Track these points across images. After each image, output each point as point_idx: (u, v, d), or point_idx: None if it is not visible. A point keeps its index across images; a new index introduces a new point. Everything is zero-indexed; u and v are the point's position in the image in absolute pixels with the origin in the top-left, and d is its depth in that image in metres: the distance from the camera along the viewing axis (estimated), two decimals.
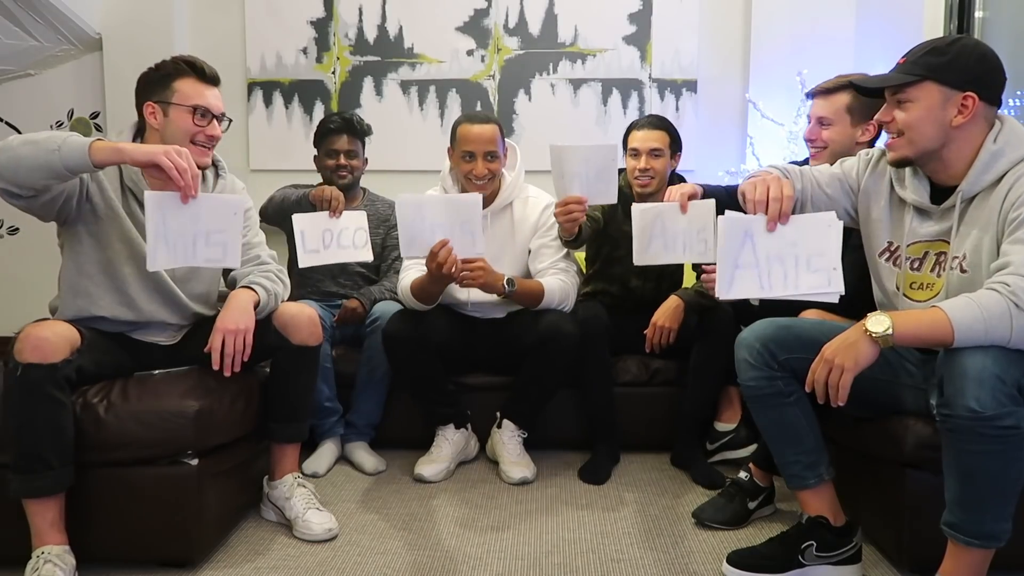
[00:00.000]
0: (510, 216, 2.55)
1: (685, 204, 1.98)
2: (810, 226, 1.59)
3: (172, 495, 1.80)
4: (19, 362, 1.66)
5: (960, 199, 1.61)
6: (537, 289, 2.42)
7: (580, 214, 2.26)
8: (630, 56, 3.61)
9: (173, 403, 1.80)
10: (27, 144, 1.66)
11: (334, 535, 2.02)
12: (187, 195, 1.72)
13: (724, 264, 1.61)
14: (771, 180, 1.63)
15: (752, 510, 2.07)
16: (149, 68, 1.97)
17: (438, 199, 2.28)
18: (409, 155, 3.61)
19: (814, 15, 3.49)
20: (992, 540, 1.48)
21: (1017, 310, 1.42)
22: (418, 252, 2.18)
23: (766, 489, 2.09)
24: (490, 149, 2.43)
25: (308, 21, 3.64)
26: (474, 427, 2.57)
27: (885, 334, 1.49)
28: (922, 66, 1.60)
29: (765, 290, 1.59)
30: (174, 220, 1.72)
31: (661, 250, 2.07)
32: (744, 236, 1.60)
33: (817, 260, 1.56)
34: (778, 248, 1.58)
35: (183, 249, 1.75)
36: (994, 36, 2.88)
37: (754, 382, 1.76)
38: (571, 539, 2.01)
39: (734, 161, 3.54)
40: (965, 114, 1.58)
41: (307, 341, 2.02)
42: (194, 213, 1.74)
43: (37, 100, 3.69)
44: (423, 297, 2.38)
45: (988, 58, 1.60)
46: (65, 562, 1.69)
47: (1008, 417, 1.39)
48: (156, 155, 1.68)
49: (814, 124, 2.22)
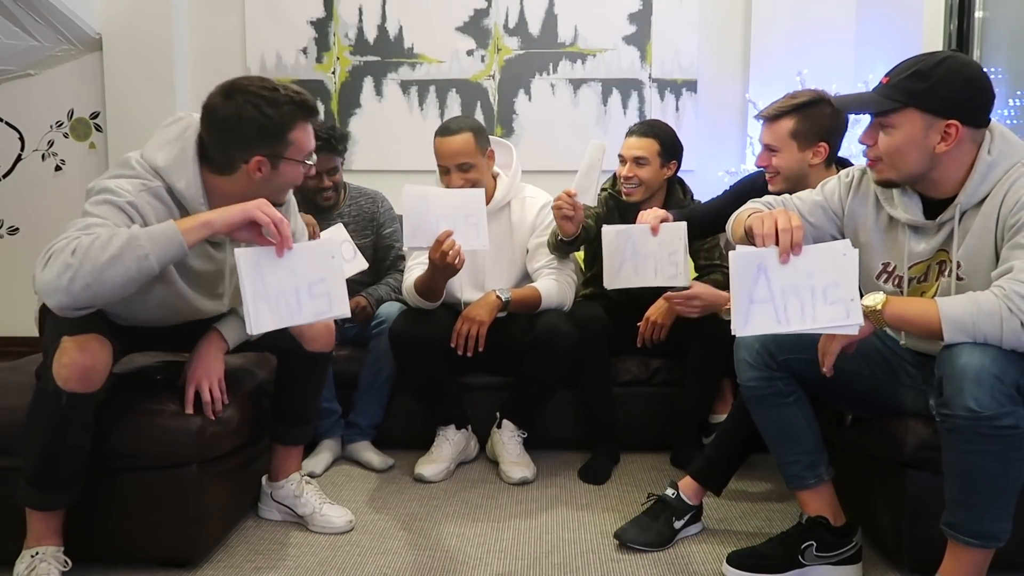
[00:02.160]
0: (508, 216, 2.55)
1: (656, 226, 1.97)
2: (824, 256, 1.53)
3: (172, 495, 1.80)
4: (64, 390, 1.57)
5: (959, 211, 1.59)
6: (534, 296, 2.42)
7: (568, 208, 2.27)
8: (630, 56, 3.61)
9: (175, 418, 1.79)
10: (109, 263, 1.42)
11: (353, 526, 2.04)
12: (282, 248, 1.55)
13: (739, 300, 1.55)
14: (778, 213, 1.57)
15: (678, 530, 1.97)
16: (252, 108, 1.61)
17: (443, 192, 2.30)
18: (409, 155, 3.62)
19: (814, 15, 3.49)
20: (992, 540, 1.48)
21: (1009, 313, 1.42)
22: (423, 242, 2.18)
23: (694, 508, 1.98)
24: (461, 161, 2.36)
25: (308, 21, 3.65)
26: (474, 427, 2.57)
27: (875, 308, 1.53)
28: (903, 91, 1.55)
29: (783, 325, 1.53)
30: (271, 276, 1.54)
31: (632, 274, 2.10)
32: (757, 270, 1.54)
33: (834, 291, 1.50)
34: (793, 280, 1.52)
35: (286, 306, 1.56)
36: (994, 36, 2.88)
37: (754, 382, 1.76)
38: (571, 539, 2.01)
39: (734, 161, 3.54)
40: (948, 141, 1.54)
41: (322, 348, 1.99)
42: (290, 266, 1.56)
43: (37, 100, 3.69)
44: (427, 294, 2.38)
45: (973, 82, 1.54)
46: (59, 562, 1.68)
47: (1007, 417, 1.39)
48: (250, 213, 1.53)
49: (763, 151, 2.19)
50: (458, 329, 2.35)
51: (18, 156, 3.74)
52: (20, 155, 3.74)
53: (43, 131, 3.73)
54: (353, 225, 2.72)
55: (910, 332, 1.63)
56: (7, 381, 2.00)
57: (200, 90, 1.81)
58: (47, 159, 3.74)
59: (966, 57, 1.65)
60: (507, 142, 2.64)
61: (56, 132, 3.73)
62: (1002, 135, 1.58)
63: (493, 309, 2.37)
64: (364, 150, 3.67)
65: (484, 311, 2.36)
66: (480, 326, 2.34)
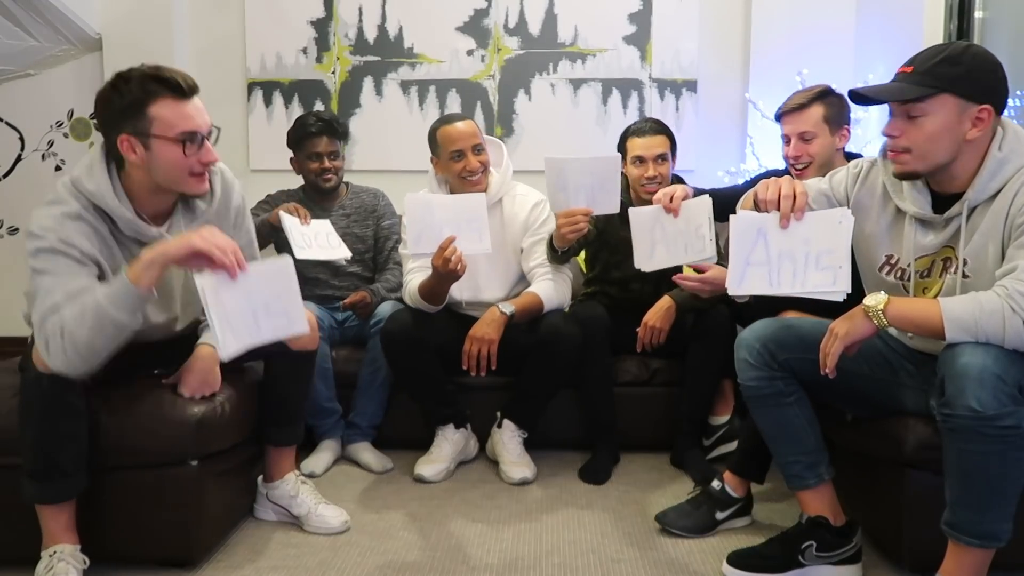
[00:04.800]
0: (500, 214, 2.55)
1: (678, 205, 1.97)
2: (822, 223, 1.59)
3: (172, 495, 1.80)
4: (43, 373, 1.60)
5: (966, 207, 1.59)
6: (536, 303, 2.43)
7: (584, 225, 2.28)
8: (630, 56, 3.61)
9: (175, 410, 1.79)
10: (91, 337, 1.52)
11: (349, 526, 2.04)
12: (235, 272, 1.56)
13: (736, 261, 1.63)
14: (783, 180, 1.63)
15: (720, 520, 2.01)
16: (108, 87, 1.63)
17: (446, 198, 2.33)
18: (409, 155, 3.60)
19: (814, 15, 3.48)
20: (993, 540, 1.48)
21: (1012, 312, 1.42)
22: (427, 248, 2.20)
23: (740, 500, 2.02)
24: (476, 143, 2.46)
25: (308, 21, 3.64)
26: (474, 427, 2.57)
27: (877, 309, 1.53)
28: (937, 77, 1.53)
29: (774, 287, 1.61)
30: (228, 300, 1.56)
31: (664, 254, 2.07)
32: (757, 234, 1.62)
33: (826, 258, 1.57)
34: (790, 245, 1.60)
35: (246, 328, 1.58)
36: (994, 36, 2.88)
37: (754, 382, 1.76)
38: (571, 539, 2.01)
39: (734, 161, 3.53)
40: (980, 127, 1.54)
41: (306, 346, 2.01)
42: (246, 288, 1.58)
43: (37, 100, 3.69)
44: (431, 298, 2.39)
45: (999, 69, 1.56)
46: (78, 560, 1.69)
47: (1009, 417, 1.39)
48: (192, 245, 1.54)
49: (797, 141, 2.23)
50: (467, 350, 2.35)
51: (18, 156, 3.74)
52: (20, 155, 3.74)
53: (43, 131, 3.72)
54: (355, 216, 2.86)
55: (912, 332, 1.62)
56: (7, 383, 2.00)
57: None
58: (47, 159, 3.73)
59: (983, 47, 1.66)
60: (498, 140, 2.67)
61: (56, 132, 3.72)
62: (1015, 132, 1.58)
63: (500, 326, 2.36)
64: (364, 150, 3.66)
65: (492, 329, 2.35)
66: (490, 344, 2.34)
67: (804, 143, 2.22)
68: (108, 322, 1.52)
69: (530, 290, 2.48)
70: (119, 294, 1.53)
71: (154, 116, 1.62)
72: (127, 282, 1.53)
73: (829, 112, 2.19)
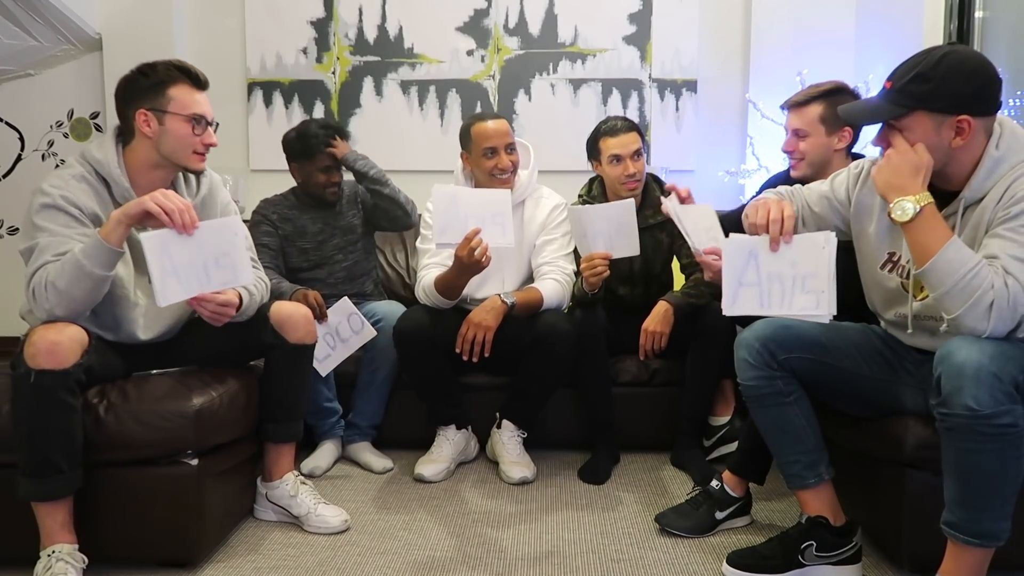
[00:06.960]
0: (521, 214, 2.57)
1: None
2: (807, 246, 1.63)
3: (172, 495, 1.80)
4: (32, 368, 1.63)
5: (963, 205, 1.60)
6: (537, 298, 2.43)
7: (604, 269, 2.31)
8: (630, 56, 3.61)
9: (173, 403, 1.80)
10: (69, 287, 1.71)
11: (349, 526, 2.05)
12: (183, 231, 1.72)
13: (729, 281, 1.68)
14: (771, 203, 1.66)
15: (719, 520, 2.01)
16: (135, 71, 1.89)
17: (471, 191, 2.36)
18: (409, 155, 3.61)
19: (814, 15, 3.48)
20: (992, 539, 1.48)
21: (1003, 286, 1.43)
22: (452, 239, 2.21)
23: (739, 500, 2.02)
24: (509, 142, 2.49)
25: (308, 21, 3.64)
26: (474, 427, 2.57)
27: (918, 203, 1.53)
28: (908, 95, 1.55)
29: (764, 308, 1.66)
30: (179, 254, 1.73)
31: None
32: (748, 256, 1.67)
33: (811, 281, 1.61)
34: (779, 268, 1.64)
35: (195, 278, 1.75)
36: (994, 36, 2.88)
37: (754, 382, 1.76)
38: (571, 539, 2.01)
39: (734, 161, 3.54)
40: (964, 135, 1.54)
41: (303, 340, 2.04)
42: (198, 243, 1.75)
43: (37, 100, 3.69)
44: (447, 292, 2.39)
45: (979, 73, 1.54)
46: (76, 560, 1.69)
47: (1005, 415, 1.40)
48: (144, 205, 1.71)
49: (791, 136, 2.26)
50: (464, 334, 2.35)
51: (18, 156, 3.74)
52: (20, 155, 3.74)
53: (43, 131, 3.72)
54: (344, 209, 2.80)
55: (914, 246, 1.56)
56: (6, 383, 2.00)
57: None
58: (47, 159, 3.73)
59: (967, 49, 1.66)
60: (526, 142, 2.65)
61: (56, 132, 3.72)
62: (1012, 131, 1.59)
63: (499, 314, 2.36)
64: (364, 150, 3.55)
65: (490, 316, 2.35)
66: (487, 331, 2.34)
67: (797, 139, 2.24)
68: (84, 274, 1.70)
69: (533, 286, 2.48)
70: (92, 249, 1.70)
71: (172, 96, 1.86)
72: (99, 239, 1.71)
73: (828, 112, 2.18)
